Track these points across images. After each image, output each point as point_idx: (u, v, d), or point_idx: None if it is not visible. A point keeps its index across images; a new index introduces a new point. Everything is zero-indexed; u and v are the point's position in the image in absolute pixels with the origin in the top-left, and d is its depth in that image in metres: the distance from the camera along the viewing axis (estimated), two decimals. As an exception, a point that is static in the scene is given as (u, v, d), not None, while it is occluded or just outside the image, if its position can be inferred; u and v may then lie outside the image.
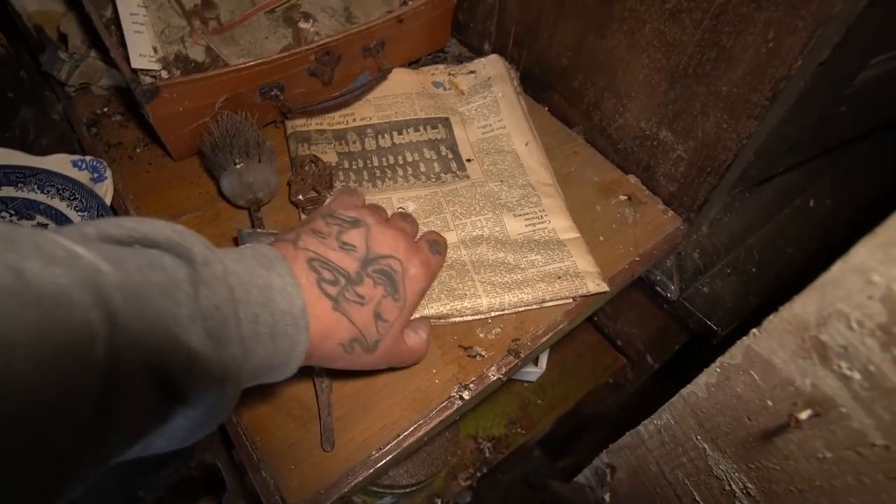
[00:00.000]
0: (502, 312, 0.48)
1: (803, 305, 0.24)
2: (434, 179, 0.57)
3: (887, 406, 0.22)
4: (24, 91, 0.64)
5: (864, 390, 0.23)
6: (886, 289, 0.20)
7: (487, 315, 0.48)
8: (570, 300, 0.49)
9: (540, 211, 0.54)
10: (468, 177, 0.57)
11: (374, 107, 0.62)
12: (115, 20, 0.61)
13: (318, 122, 0.61)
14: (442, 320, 0.48)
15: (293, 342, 0.31)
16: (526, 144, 0.59)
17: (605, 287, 0.49)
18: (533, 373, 0.73)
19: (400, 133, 0.60)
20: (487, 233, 0.52)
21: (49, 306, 0.20)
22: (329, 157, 0.57)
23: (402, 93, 0.63)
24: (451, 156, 0.59)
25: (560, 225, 0.53)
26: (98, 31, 0.57)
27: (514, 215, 0.53)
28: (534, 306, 0.49)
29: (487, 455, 0.71)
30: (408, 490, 0.54)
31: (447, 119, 0.61)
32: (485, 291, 0.47)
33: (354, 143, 0.59)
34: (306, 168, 0.54)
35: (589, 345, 0.81)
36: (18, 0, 0.65)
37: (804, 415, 0.25)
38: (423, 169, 0.57)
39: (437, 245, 0.43)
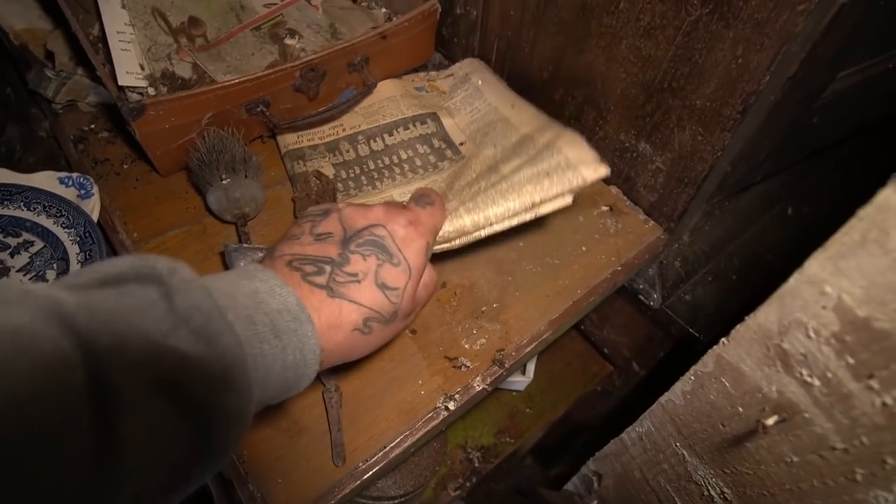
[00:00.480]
0: (492, 228, 0.43)
1: (766, 315, 0.25)
2: (431, 169, 0.58)
3: (844, 411, 0.23)
4: (9, 109, 0.64)
5: (823, 396, 0.24)
6: (838, 299, 0.21)
7: (474, 234, 0.43)
8: (567, 196, 0.44)
9: (536, 146, 0.50)
10: (464, 156, 0.58)
11: (362, 115, 0.63)
12: (102, 38, 0.61)
13: (308, 138, 0.62)
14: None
15: (300, 337, 0.30)
16: (512, 107, 0.60)
17: (603, 170, 0.44)
18: (521, 382, 0.74)
19: (391, 134, 0.61)
20: (485, 184, 0.47)
21: (10, 344, 0.20)
22: (326, 169, 0.58)
23: (387, 97, 0.64)
24: (444, 145, 0.60)
25: (553, 137, 0.49)
26: (85, 49, 0.57)
27: (510, 160, 0.49)
28: (526, 216, 0.44)
29: (476, 464, 0.71)
30: (396, 501, 0.54)
31: (435, 114, 0.63)
32: (466, 210, 0.43)
33: (348, 151, 0.60)
34: (310, 184, 0.55)
35: (576, 353, 0.82)
36: (5, 18, 0.65)
37: (771, 421, 0.26)
38: (419, 163, 0.59)
39: (424, 198, 0.40)
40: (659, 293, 0.63)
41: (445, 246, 0.44)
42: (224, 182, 0.52)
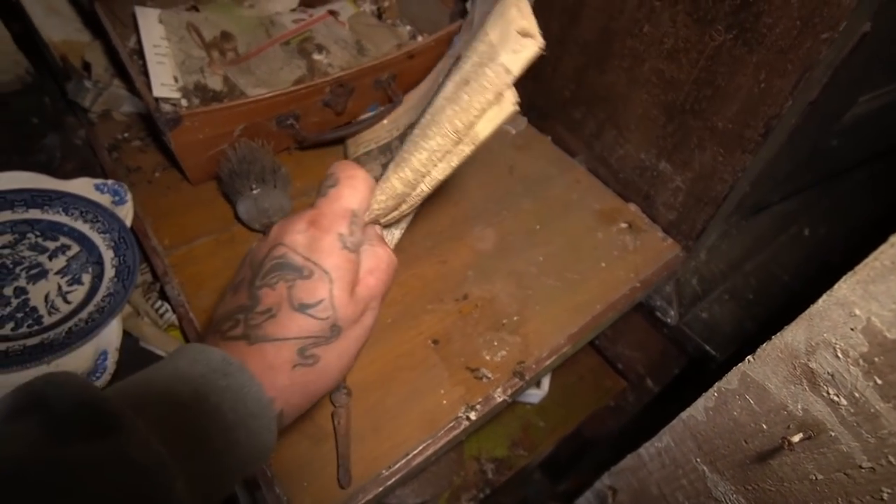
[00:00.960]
0: (428, 180, 0.34)
1: (793, 335, 0.26)
2: None
3: (871, 430, 0.24)
4: (47, 117, 0.66)
5: (850, 415, 0.24)
6: (867, 321, 0.22)
7: (414, 193, 0.35)
8: (501, 102, 0.32)
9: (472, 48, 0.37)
10: None
11: (405, 110, 0.62)
12: (139, 51, 0.64)
13: (355, 147, 0.62)
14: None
15: (235, 391, 0.27)
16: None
17: (530, 46, 0.30)
18: (535, 395, 0.75)
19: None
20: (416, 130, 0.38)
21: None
22: (374, 172, 0.55)
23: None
24: None
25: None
26: (123, 61, 0.59)
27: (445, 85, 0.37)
28: (464, 149, 0.33)
29: (490, 476, 0.72)
30: (414, 509, 0.55)
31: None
32: (394, 169, 0.34)
33: (397, 148, 0.58)
34: None
35: (590, 367, 0.82)
36: (45, 31, 0.68)
37: (796, 438, 0.27)
38: None
39: (326, 182, 0.34)
40: (676, 310, 0.63)
41: (394, 215, 0.36)
42: (254, 192, 0.53)
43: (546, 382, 0.74)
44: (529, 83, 0.69)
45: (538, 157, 0.68)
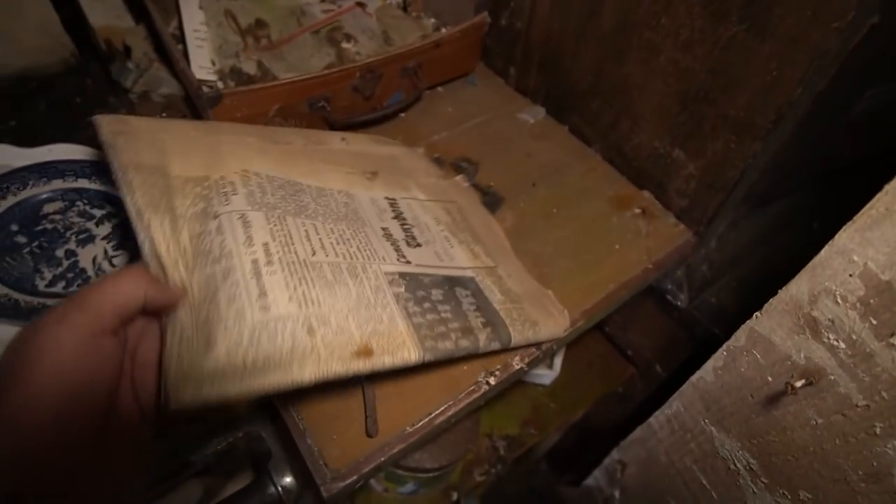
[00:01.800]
0: None
1: (798, 286, 0.28)
2: None
3: (867, 369, 0.26)
4: (89, 97, 0.70)
5: (847, 357, 0.27)
6: (864, 266, 0.24)
7: None
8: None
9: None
10: None
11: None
12: (179, 35, 0.67)
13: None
14: None
15: None
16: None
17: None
18: (547, 375, 0.77)
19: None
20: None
21: None
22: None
23: None
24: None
25: None
26: (165, 45, 0.63)
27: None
28: None
29: (501, 452, 0.74)
30: (431, 475, 0.57)
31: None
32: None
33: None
34: None
35: (599, 354, 0.85)
36: (88, 16, 0.72)
37: (799, 383, 0.29)
38: None
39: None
40: (686, 294, 0.66)
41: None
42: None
43: (558, 363, 0.77)
44: (548, 75, 0.72)
45: (555, 146, 0.70)
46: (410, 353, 0.39)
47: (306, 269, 0.39)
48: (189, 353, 0.32)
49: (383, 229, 0.49)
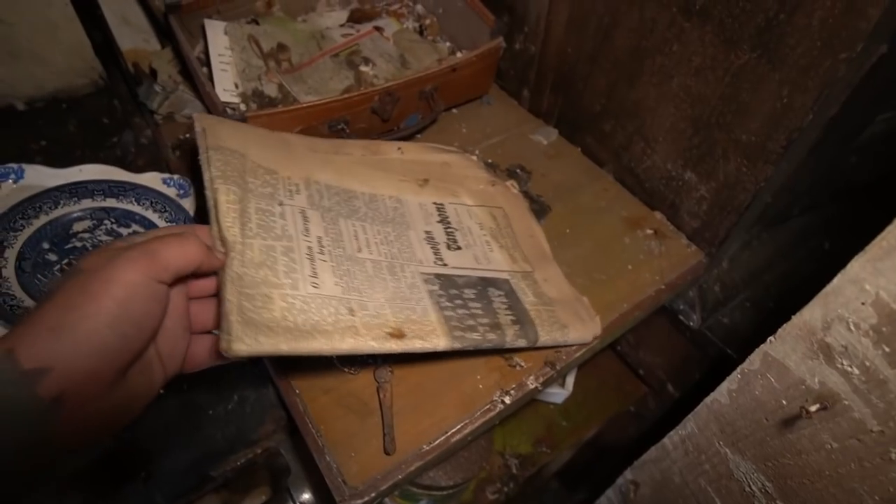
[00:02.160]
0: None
1: (811, 312, 0.29)
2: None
3: (880, 395, 0.27)
4: (116, 118, 0.72)
5: (861, 383, 0.27)
6: (876, 295, 0.25)
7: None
8: None
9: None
10: None
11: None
12: (205, 59, 0.70)
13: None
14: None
15: None
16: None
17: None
18: (559, 394, 0.77)
19: None
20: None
21: None
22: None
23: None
24: None
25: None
26: (191, 68, 0.65)
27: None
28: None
29: (514, 471, 0.74)
30: (445, 492, 0.58)
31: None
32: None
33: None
34: None
35: (612, 372, 0.85)
36: (117, 40, 0.75)
37: (814, 407, 0.30)
38: None
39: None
40: (699, 314, 0.66)
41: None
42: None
43: (570, 382, 0.77)
44: (561, 98, 0.74)
45: (568, 167, 0.72)
46: (440, 340, 0.43)
47: (351, 263, 0.46)
48: (250, 305, 0.36)
49: (427, 233, 0.54)
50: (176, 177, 0.61)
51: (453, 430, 0.47)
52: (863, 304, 0.26)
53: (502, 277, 0.53)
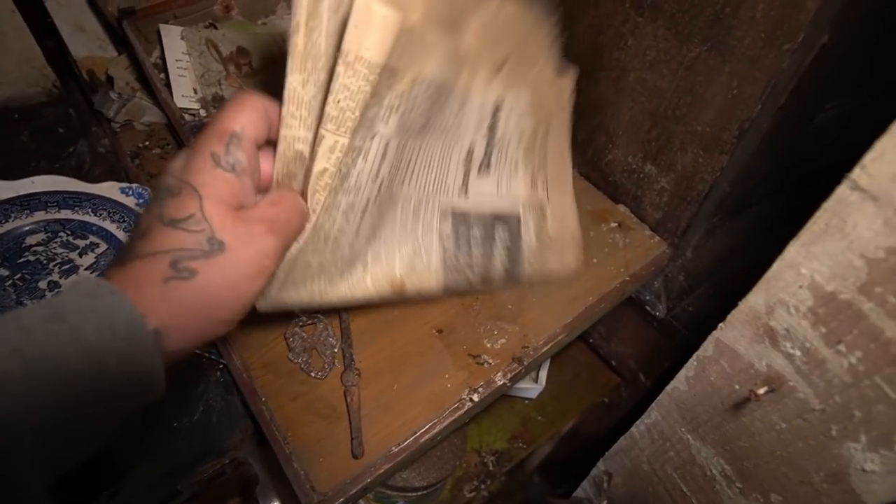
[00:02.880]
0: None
1: (755, 298, 0.30)
2: None
3: (820, 375, 0.27)
4: (72, 126, 0.70)
5: (803, 364, 0.28)
6: (811, 278, 0.26)
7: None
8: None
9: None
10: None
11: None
12: (162, 65, 0.68)
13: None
14: None
15: (102, 313, 0.25)
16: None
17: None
18: (533, 389, 0.78)
19: None
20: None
21: None
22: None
23: None
24: None
25: None
26: (148, 74, 0.64)
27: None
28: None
29: (491, 468, 0.75)
30: (420, 493, 0.58)
31: None
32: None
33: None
34: None
35: (585, 364, 0.86)
36: (71, 47, 0.73)
37: (762, 390, 0.31)
38: None
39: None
40: (664, 304, 0.67)
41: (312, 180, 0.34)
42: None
43: (543, 377, 0.78)
44: (524, 94, 0.74)
45: (533, 163, 0.72)
46: (433, 287, 0.45)
47: (388, 206, 0.42)
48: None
49: (468, 150, 0.48)
50: (135, 186, 0.60)
51: (422, 431, 0.47)
52: (800, 287, 0.27)
53: (514, 214, 0.51)
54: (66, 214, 0.55)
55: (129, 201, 0.59)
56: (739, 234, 0.74)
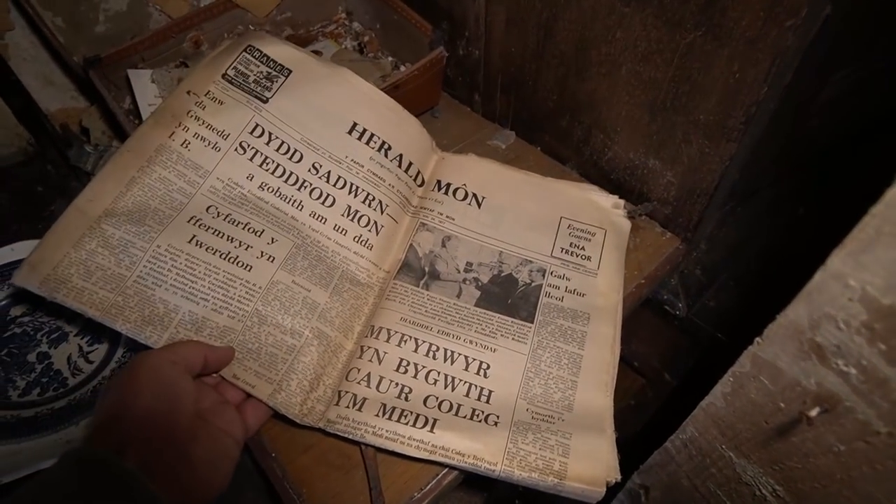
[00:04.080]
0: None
1: (796, 312, 0.27)
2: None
3: (883, 395, 0.24)
4: (51, 184, 0.68)
5: (861, 383, 0.25)
6: (862, 291, 0.23)
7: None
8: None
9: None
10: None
11: None
12: (135, 110, 0.66)
13: None
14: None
15: None
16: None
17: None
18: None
19: None
20: None
21: None
22: None
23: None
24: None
25: None
26: (120, 122, 0.62)
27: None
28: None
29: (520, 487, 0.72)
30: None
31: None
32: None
33: None
34: None
35: (606, 369, 0.82)
36: (42, 102, 0.70)
37: (814, 412, 0.28)
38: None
39: None
40: (684, 302, 0.64)
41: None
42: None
43: (565, 388, 0.74)
44: (513, 98, 0.71)
45: (530, 168, 0.69)
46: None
47: None
48: None
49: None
50: (119, 240, 0.58)
51: (444, 471, 0.45)
52: (849, 300, 0.23)
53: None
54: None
55: (115, 257, 0.56)
56: (752, 220, 0.71)
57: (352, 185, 0.56)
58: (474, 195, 0.61)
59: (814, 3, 0.40)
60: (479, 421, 0.46)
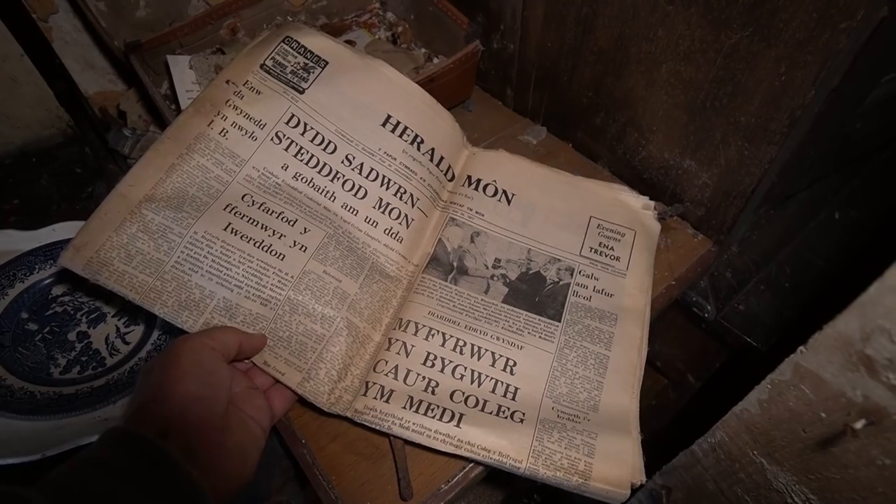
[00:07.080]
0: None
1: (846, 323, 0.26)
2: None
3: (936, 412, 0.24)
4: (89, 166, 0.70)
5: (912, 399, 0.25)
6: (921, 305, 0.23)
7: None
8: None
9: None
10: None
11: None
12: (172, 95, 0.67)
13: None
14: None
15: None
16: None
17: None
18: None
19: None
20: None
21: None
22: None
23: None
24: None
25: None
26: (158, 107, 0.63)
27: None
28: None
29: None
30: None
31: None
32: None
33: None
34: None
35: (628, 368, 0.82)
36: (82, 85, 0.72)
37: (859, 424, 0.27)
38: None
39: None
40: (713, 304, 0.63)
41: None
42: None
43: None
44: (546, 94, 0.71)
45: (561, 165, 0.68)
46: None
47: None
48: None
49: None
50: (155, 224, 0.59)
51: (471, 465, 0.45)
52: (906, 314, 0.23)
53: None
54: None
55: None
56: (787, 223, 0.69)
57: (384, 177, 0.56)
58: (504, 192, 0.61)
59: (871, 4, 0.38)
60: (505, 417, 0.46)
